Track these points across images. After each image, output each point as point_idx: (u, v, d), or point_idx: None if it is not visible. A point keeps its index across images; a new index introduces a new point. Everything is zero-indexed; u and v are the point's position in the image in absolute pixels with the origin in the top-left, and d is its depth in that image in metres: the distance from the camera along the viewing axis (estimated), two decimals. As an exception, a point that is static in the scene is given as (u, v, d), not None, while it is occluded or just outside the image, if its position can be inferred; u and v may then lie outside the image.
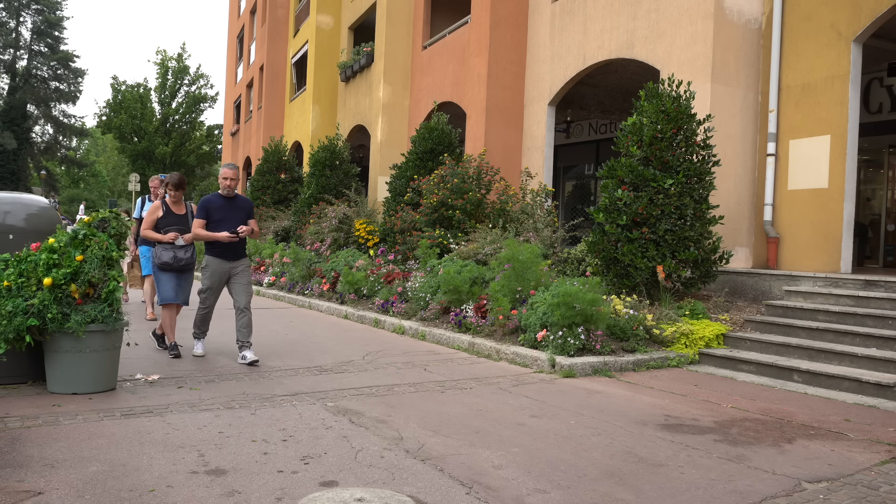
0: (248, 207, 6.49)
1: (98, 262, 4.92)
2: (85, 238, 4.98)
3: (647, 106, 8.08)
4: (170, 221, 6.53)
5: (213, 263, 6.30)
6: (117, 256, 5.09)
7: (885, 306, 6.94)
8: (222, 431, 4.09)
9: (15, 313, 4.67)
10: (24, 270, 4.82)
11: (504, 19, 13.01)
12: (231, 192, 6.38)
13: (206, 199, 6.33)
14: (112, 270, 5.06)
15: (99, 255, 4.94)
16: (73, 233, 5.00)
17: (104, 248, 5.00)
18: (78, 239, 4.97)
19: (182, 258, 6.44)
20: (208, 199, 6.33)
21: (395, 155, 15.92)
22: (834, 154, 8.66)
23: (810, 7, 8.99)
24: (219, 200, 6.34)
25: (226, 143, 35.49)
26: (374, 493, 3.11)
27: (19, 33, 48.67)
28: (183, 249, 6.46)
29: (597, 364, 6.35)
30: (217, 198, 6.36)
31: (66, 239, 4.96)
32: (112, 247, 5.05)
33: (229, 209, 6.31)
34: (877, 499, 3.38)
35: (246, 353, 6.25)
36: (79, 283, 4.85)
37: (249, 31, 30.40)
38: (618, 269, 8.02)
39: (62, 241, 4.94)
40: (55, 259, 4.85)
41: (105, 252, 4.98)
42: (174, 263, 6.41)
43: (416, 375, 5.97)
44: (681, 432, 4.46)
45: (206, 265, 6.32)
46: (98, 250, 4.96)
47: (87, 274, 4.86)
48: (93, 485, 3.18)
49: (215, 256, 6.31)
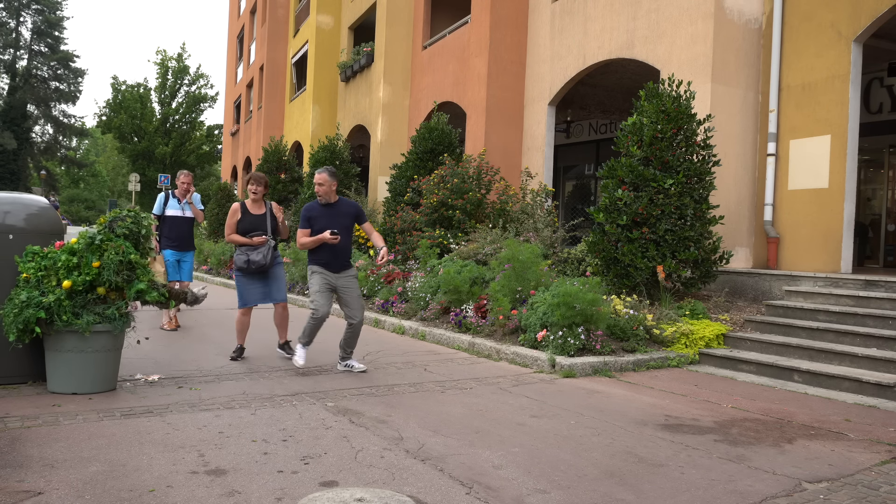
0: (353, 212, 6.04)
1: (115, 267, 4.85)
2: (102, 243, 4.95)
3: (648, 106, 8.07)
4: (249, 221, 6.37)
5: (317, 271, 5.93)
6: (136, 259, 4.98)
7: (886, 306, 6.94)
8: (222, 431, 4.09)
9: (28, 304, 4.66)
10: (44, 266, 4.83)
11: (504, 19, 13.01)
12: (328, 199, 5.95)
13: (306, 207, 6.00)
14: (137, 271, 4.99)
15: (115, 261, 4.87)
16: (90, 237, 4.97)
17: (121, 252, 4.93)
18: (94, 244, 4.93)
19: (255, 261, 6.24)
20: (308, 207, 6.00)
21: (395, 155, 15.92)
22: (834, 154, 8.66)
23: (810, 7, 8.99)
24: (318, 208, 5.98)
25: (226, 143, 35.50)
26: (374, 493, 3.11)
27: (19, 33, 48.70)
28: (257, 252, 6.27)
29: (597, 364, 6.35)
30: (317, 205, 6.00)
31: (84, 243, 4.94)
32: (129, 250, 4.97)
33: (331, 216, 5.91)
34: (877, 499, 3.38)
35: (351, 362, 6.06)
36: (103, 283, 4.84)
37: (249, 31, 30.40)
38: (618, 269, 8.01)
39: (81, 245, 4.93)
40: (74, 262, 4.85)
41: (122, 256, 4.91)
42: (247, 267, 6.26)
43: (416, 375, 5.97)
44: (681, 432, 4.46)
45: (312, 272, 5.97)
46: (115, 255, 4.90)
47: (107, 280, 4.82)
48: (93, 485, 3.18)
49: (318, 266, 5.93)
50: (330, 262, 5.91)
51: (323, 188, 5.91)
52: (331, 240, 5.73)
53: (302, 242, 5.90)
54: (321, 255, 5.90)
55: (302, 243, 5.90)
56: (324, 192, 5.91)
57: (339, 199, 6.04)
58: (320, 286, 5.91)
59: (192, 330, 8.14)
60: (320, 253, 5.90)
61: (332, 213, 5.95)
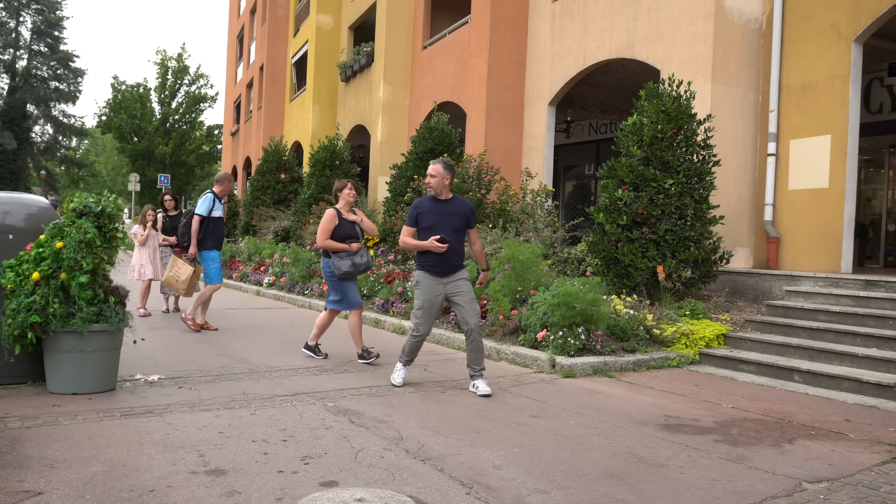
0: (466, 212, 5.40)
1: (75, 246, 4.77)
2: (63, 226, 4.90)
3: (648, 106, 8.07)
4: (346, 228, 6.34)
5: (423, 279, 5.38)
6: (94, 237, 4.86)
7: (886, 306, 6.94)
8: (222, 431, 4.08)
9: (18, 310, 4.66)
10: (21, 271, 4.81)
11: (504, 19, 13.01)
12: (439, 194, 5.40)
13: (416, 203, 5.46)
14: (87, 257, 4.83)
15: (76, 239, 4.79)
16: (55, 224, 4.94)
17: (82, 231, 4.85)
18: (57, 227, 4.90)
19: (360, 263, 6.29)
20: (418, 204, 5.45)
21: (395, 155, 15.92)
22: (834, 154, 8.65)
23: (811, 7, 8.98)
24: (428, 204, 5.42)
25: (226, 143, 35.51)
26: (374, 493, 3.11)
27: (19, 33, 48.66)
28: (360, 256, 6.33)
29: (597, 364, 6.35)
30: (427, 201, 5.44)
31: (50, 231, 4.92)
32: (90, 229, 4.89)
33: (441, 214, 5.34)
34: (877, 499, 3.37)
35: (478, 382, 5.37)
36: (64, 268, 4.73)
37: (249, 30, 30.40)
38: (618, 269, 8.01)
39: (47, 236, 4.91)
40: (42, 253, 4.82)
41: (82, 235, 4.82)
42: (354, 271, 6.27)
43: (416, 375, 5.96)
44: (681, 432, 4.46)
45: (418, 282, 5.42)
46: (76, 233, 4.82)
47: (67, 260, 4.73)
48: (93, 485, 3.18)
49: (424, 271, 5.38)
50: (437, 265, 5.31)
51: (435, 181, 5.33)
52: (437, 248, 5.20)
53: (405, 242, 5.37)
54: (427, 256, 5.32)
55: (405, 243, 5.37)
56: (436, 184, 5.33)
57: (452, 197, 5.44)
58: (424, 300, 5.34)
59: (191, 330, 8.13)
60: (427, 254, 5.33)
61: (442, 210, 5.34)
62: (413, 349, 5.52)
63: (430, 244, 5.20)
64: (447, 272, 5.32)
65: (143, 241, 9.45)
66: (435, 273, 5.32)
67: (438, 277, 5.33)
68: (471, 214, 5.44)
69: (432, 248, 5.21)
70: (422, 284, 5.36)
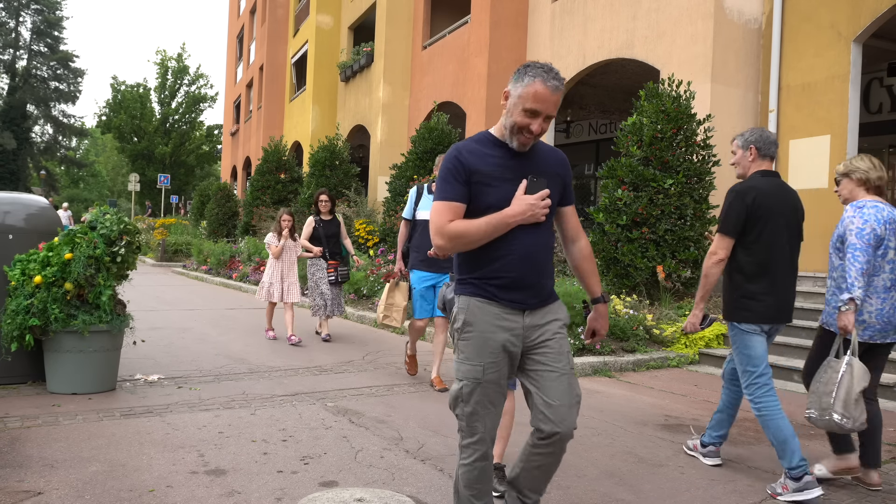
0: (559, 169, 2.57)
1: (83, 261, 4.76)
2: (76, 236, 4.90)
3: (647, 106, 8.08)
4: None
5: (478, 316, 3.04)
6: (100, 253, 4.82)
7: (885, 306, 6.93)
8: (222, 431, 4.09)
9: (17, 312, 4.66)
10: (26, 269, 4.81)
11: (504, 19, 13.01)
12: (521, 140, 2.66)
13: (456, 150, 2.92)
14: (100, 273, 4.85)
15: (85, 254, 4.78)
16: (70, 232, 4.96)
17: (92, 246, 4.85)
18: (69, 237, 4.91)
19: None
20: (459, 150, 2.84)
21: (395, 155, 15.93)
22: (834, 154, 8.66)
23: (810, 7, 8.99)
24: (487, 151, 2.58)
25: (225, 143, 35.52)
26: (374, 493, 3.11)
27: (19, 33, 48.66)
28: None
29: (597, 364, 6.35)
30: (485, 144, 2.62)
31: (63, 237, 4.93)
32: (100, 246, 4.88)
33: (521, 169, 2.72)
34: (877, 499, 3.38)
35: None
36: (70, 280, 4.75)
37: (249, 30, 30.41)
38: (618, 269, 8.01)
39: (60, 241, 4.92)
40: (49, 257, 4.83)
41: (92, 251, 4.81)
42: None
43: (416, 376, 5.96)
44: (681, 432, 4.46)
45: (465, 323, 3.19)
46: (85, 248, 4.81)
47: (74, 273, 4.73)
48: (92, 485, 3.18)
49: (483, 297, 3.41)
50: (518, 283, 2.43)
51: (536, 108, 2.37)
52: (536, 215, 2.39)
53: (450, 231, 2.36)
54: (498, 262, 2.42)
55: (450, 232, 2.36)
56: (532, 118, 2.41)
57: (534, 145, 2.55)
58: (475, 367, 2.43)
59: (191, 330, 8.14)
60: (494, 257, 2.43)
61: (522, 166, 2.46)
62: (472, 484, 2.49)
63: (523, 208, 2.35)
64: (534, 298, 2.47)
65: (278, 253, 7.60)
66: (509, 301, 2.44)
67: (512, 312, 2.44)
68: (566, 174, 2.60)
69: (527, 218, 2.36)
70: (475, 329, 2.44)
